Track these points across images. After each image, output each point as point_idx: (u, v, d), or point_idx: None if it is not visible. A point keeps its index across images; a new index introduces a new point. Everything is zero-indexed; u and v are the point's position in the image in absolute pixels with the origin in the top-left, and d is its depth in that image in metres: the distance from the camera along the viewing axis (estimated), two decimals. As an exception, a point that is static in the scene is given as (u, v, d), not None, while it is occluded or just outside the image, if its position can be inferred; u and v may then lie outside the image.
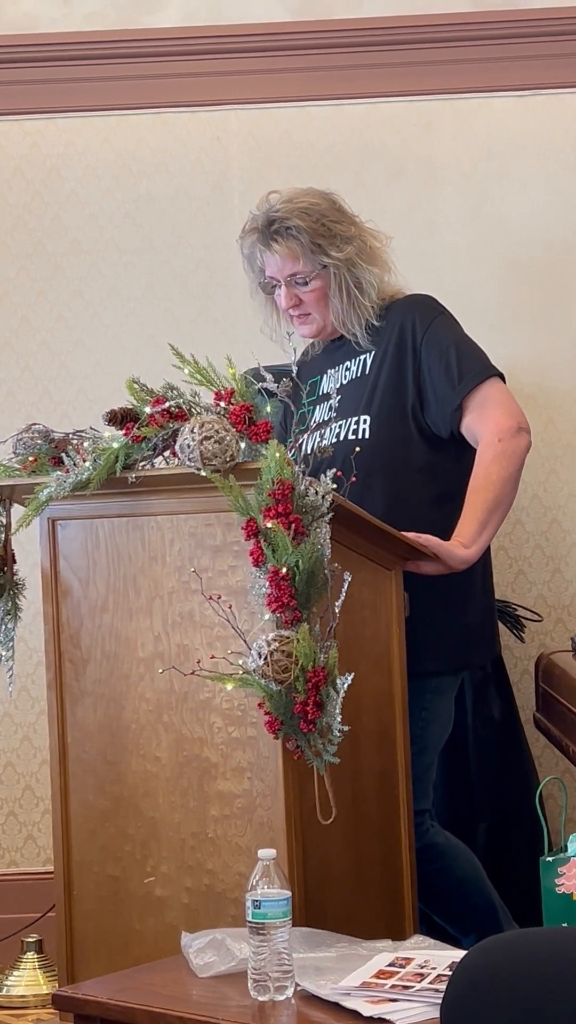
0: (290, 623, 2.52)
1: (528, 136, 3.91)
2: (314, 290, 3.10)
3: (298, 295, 3.11)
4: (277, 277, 3.11)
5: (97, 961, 2.83)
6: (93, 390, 3.94)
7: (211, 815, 2.71)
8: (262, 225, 3.09)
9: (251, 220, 3.13)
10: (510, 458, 2.99)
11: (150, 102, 3.92)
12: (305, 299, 3.12)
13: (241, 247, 3.16)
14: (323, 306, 3.12)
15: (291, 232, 3.06)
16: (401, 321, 3.10)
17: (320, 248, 3.06)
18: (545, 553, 3.92)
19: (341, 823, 2.62)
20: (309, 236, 3.05)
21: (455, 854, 3.10)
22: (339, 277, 3.08)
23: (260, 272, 3.15)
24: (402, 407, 3.07)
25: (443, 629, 3.04)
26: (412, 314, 3.11)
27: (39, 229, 3.96)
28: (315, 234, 3.06)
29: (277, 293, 3.14)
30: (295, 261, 3.08)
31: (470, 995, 1.84)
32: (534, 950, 1.84)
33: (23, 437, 2.88)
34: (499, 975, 1.83)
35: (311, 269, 3.08)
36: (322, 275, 3.09)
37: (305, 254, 3.06)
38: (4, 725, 3.96)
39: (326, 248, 3.06)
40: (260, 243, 3.10)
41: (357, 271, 3.09)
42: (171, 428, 2.68)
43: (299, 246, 3.06)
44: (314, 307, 3.12)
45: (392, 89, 3.89)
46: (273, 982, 2.27)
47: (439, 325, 3.11)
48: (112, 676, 2.84)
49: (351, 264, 3.08)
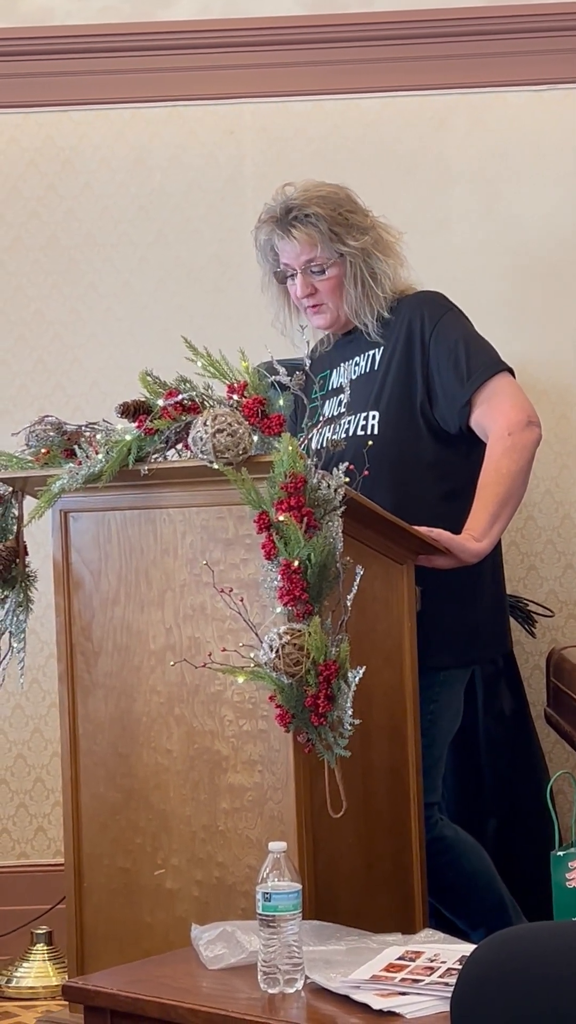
0: (302, 616, 2.52)
1: (541, 132, 3.90)
2: (330, 279, 3.11)
3: (313, 284, 3.12)
4: (293, 265, 3.12)
5: (107, 953, 2.84)
6: (106, 383, 3.94)
7: (222, 808, 2.72)
8: (280, 213, 3.09)
9: (267, 210, 3.13)
10: (520, 452, 2.99)
11: (164, 95, 3.93)
12: (320, 288, 3.12)
13: (256, 237, 3.16)
14: (337, 296, 3.12)
15: (310, 219, 3.07)
16: (410, 317, 3.11)
17: (337, 236, 3.07)
18: (557, 548, 3.92)
19: (351, 817, 2.62)
20: (327, 223, 3.07)
21: (464, 848, 3.10)
22: (355, 266, 3.09)
23: (274, 261, 3.15)
24: (410, 403, 3.07)
25: (452, 623, 3.03)
26: (421, 310, 3.11)
27: (53, 222, 3.96)
28: (333, 222, 3.07)
29: (291, 283, 3.14)
30: (313, 248, 3.08)
31: (480, 989, 1.84)
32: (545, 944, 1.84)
33: (36, 429, 2.89)
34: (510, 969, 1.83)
35: (328, 256, 3.09)
36: (338, 263, 3.09)
37: (323, 241, 3.07)
38: (15, 717, 3.96)
39: (343, 237, 3.07)
40: (277, 230, 3.10)
41: (372, 262, 3.09)
42: (184, 421, 2.68)
43: (318, 233, 3.07)
44: (328, 296, 3.13)
45: (406, 83, 3.89)
46: (283, 975, 2.27)
47: (448, 321, 3.10)
48: (123, 668, 2.84)
49: (367, 254, 3.09)
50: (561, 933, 1.88)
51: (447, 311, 3.13)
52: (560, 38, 3.85)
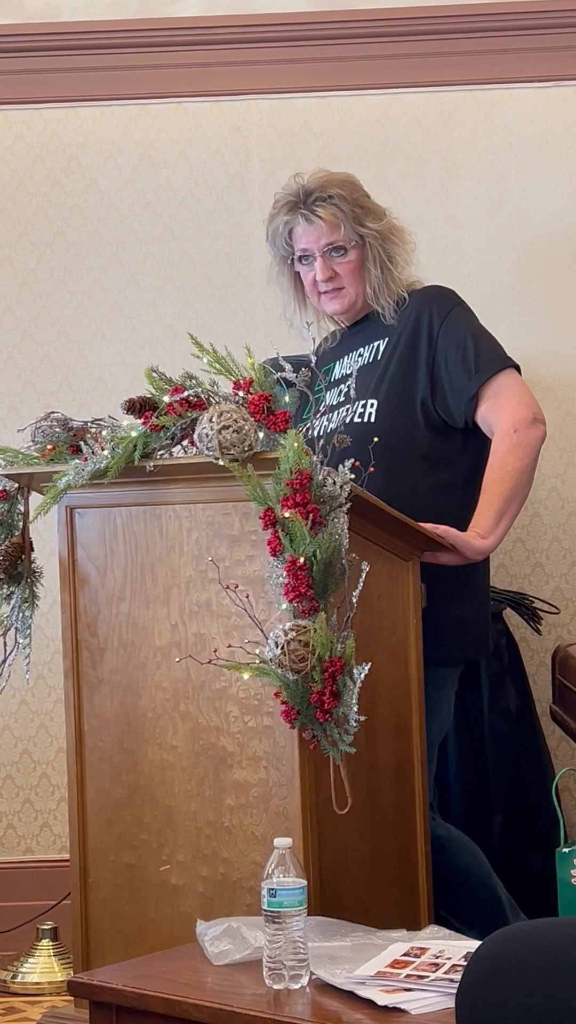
0: (307, 613, 2.52)
1: (549, 128, 3.90)
2: (350, 261, 3.12)
3: (333, 267, 3.12)
4: (312, 249, 3.12)
5: (112, 949, 2.84)
6: (112, 379, 3.94)
7: (227, 804, 2.72)
8: (301, 196, 3.11)
9: (282, 197, 3.14)
10: (525, 449, 2.99)
11: (171, 91, 3.93)
12: (340, 271, 3.13)
13: (268, 226, 3.16)
14: (357, 279, 3.13)
15: (332, 200, 3.10)
16: (418, 310, 3.11)
17: (358, 218, 3.10)
18: (563, 546, 3.92)
19: (356, 813, 2.62)
20: (350, 205, 3.09)
21: (457, 847, 3.09)
22: (375, 248, 3.11)
23: (287, 249, 3.15)
24: (411, 394, 3.07)
25: (443, 620, 3.01)
26: (430, 304, 3.11)
27: (59, 218, 3.96)
28: (355, 203, 3.11)
29: (308, 269, 3.13)
30: (335, 229, 3.10)
31: (486, 985, 1.84)
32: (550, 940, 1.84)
33: (42, 425, 2.89)
34: (515, 965, 1.83)
35: (350, 238, 3.10)
36: (358, 246, 3.12)
37: (346, 221, 3.09)
38: (21, 713, 3.97)
39: (363, 219, 3.10)
40: (301, 211, 3.11)
41: (389, 246, 3.13)
42: (189, 417, 2.68)
43: (341, 213, 3.09)
44: (349, 279, 3.13)
45: (413, 80, 3.89)
46: (288, 970, 2.27)
47: (457, 316, 3.11)
48: (129, 664, 2.84)
49: (384, 238, 3.12)
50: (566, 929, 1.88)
51: (456, 305, 3.14)
52: (566, 35, 3.84)
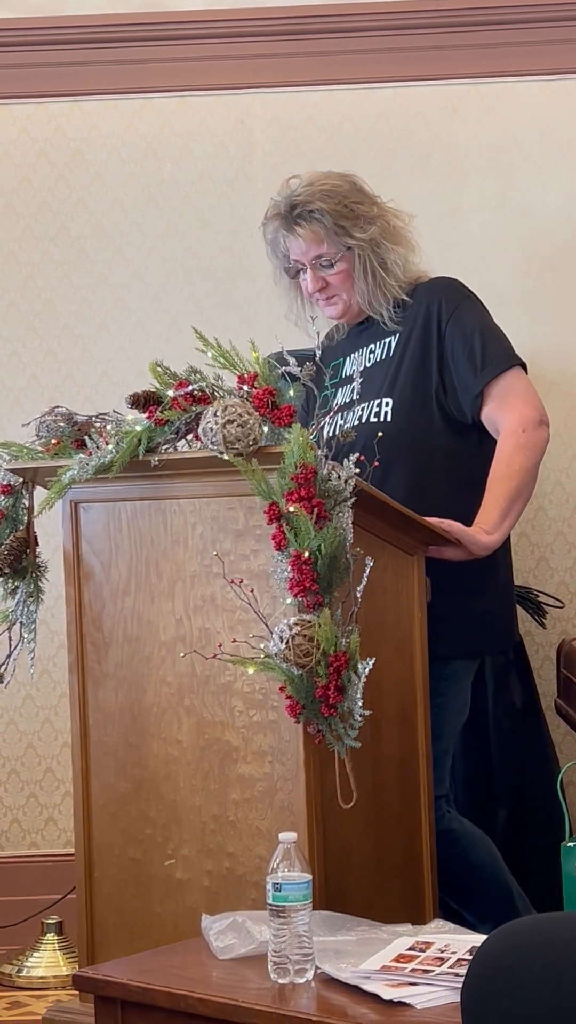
0: (312, 607, 2.52)
1: (554, 122, 3.89)
2: (339, 272, 3.10)
3: (324, 277, 3.12)
4: (302, 261, 3.11)
5: (117, 943, 2.84)
6: (116, 374, 3.94)
7: (232, 798, 2.72)
8: (284, 210, 3.09)
9: (273, 206, 3.13)
10: (532, 449, 2.99)
11: (175, 85, 3.92)
12: (331, 281, 3.12)
13: (264, 233, 3.16)
14: (349, 287, 3.12)
15: (314, 215, 3.06)
16: (427, 304, 3.10)
17: (344, 230, 3.06)
18: (568, 540, 3.91)
19: (362, 807, 2.62)
20: (332, 219, 3.06)
21: (471, 840, 3.10)
22: (363, 258, 3.08)
23: (284, 257, 3.15)
24: (425, 390, 3.07)
25: (462, 613, 3.03)
26: (439, 297, 3.10)
27: (63, 213, 3.96)
28: (338, 216, 3.06)
29: (303, 277, 3.14)
30: (319, 244, 3.08)
31: (491, 979, 1.84)
32: (556, 934, 1.83)
33: (46, 420, 2.89)
34: (520, 960, 1.82)
35: (336, 251, 3.08)
36: (347, 256, 3.09)
37: (329, 236, 3.06)
38: (26, 707, 3.97)
39: (349, 229, 3.07)
40: (283, 228, 3.10)
41: (382, 251, 3.09)
42: (194, 411, 2.68)
43: (323, 229, 3.06)
44: (340, 288, 3.12)
45: (418, 73, 3.88)
46: (293, 965, 2.27)
47: (465, 309, 3.10)
48: (134, 659, 2.84)
49: (375, 244, 3.08)
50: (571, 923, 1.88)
51: (465, 299, 3.13)
52: (571, 28, 3.83)
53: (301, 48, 3.88)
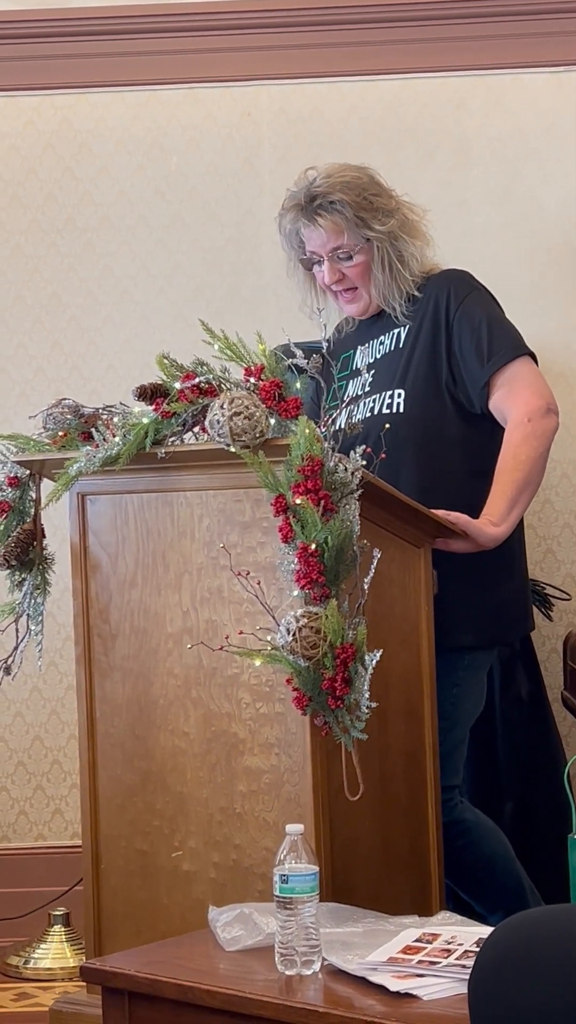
0: (318, 599, 2.52)
1: (560, 114, 3.88)
2: (357, 264, 3.10)
3: (341, 270, 3.11)
4: (320, 252, 3.10)
5: (124, 935, 2.85)
6: (123, 366, 3.94)
7: (239, 790, 2.72)
8: (304, 200, 3.08)
9: (290, 197, 3.11)
10: (539, 439, 2.98)
11: (181, 77, 3.92)
12: (349, 274, 3.11)
13: (280, 225, 3.15)
14: (366, 279, 3.11)
15: (335, 206, 3.05)
16: (436, 295, 3.10)
17: (363, 222, 3.06)
18: (575, 532, 3.91)
19: (368, 799, 2.62)
20: (353, 210, 3.05)
21: (483, 831, 3.10)
22: (382, 250, 3.08)
23: (300, 248, 3.13)
24: (436, 381, 3.07)
25: (479, 602, 3.03)
26: (447, 288, 3.10)
27: (69, 205, 3.96)
28: (358, 208, 3.05)
29: (318, 269, 3.13)
30: (339, 235, 3.07)
31: (498, 971, 1.84)
32: (562, 926, 1.83)
33: (53, 412, 2.88)
34: (527, 951, 1.83)
35: (355, 243, 3.08)
36: (365, 249, 3.08)
37: (349, 228, 3.06)
38: (33, 700, 3.97)
39: (369, 222, 3.06)
40: (303, 218, 3.09)
41: (399, 244, 3.09)
42: (201, 404, 2.68)
43: (343, 220, 3.05)
44: (359, 281, 3.12)
45: (424, 65, 3.87)
46: (300, 956, 2.27)
47: (473, 300, 3.09)
48: (141, 651, 2.84)
49: (394, 237, 3.08)
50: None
51: (473, 290, 3.12)
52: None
53: (308, 40, 3.87)
